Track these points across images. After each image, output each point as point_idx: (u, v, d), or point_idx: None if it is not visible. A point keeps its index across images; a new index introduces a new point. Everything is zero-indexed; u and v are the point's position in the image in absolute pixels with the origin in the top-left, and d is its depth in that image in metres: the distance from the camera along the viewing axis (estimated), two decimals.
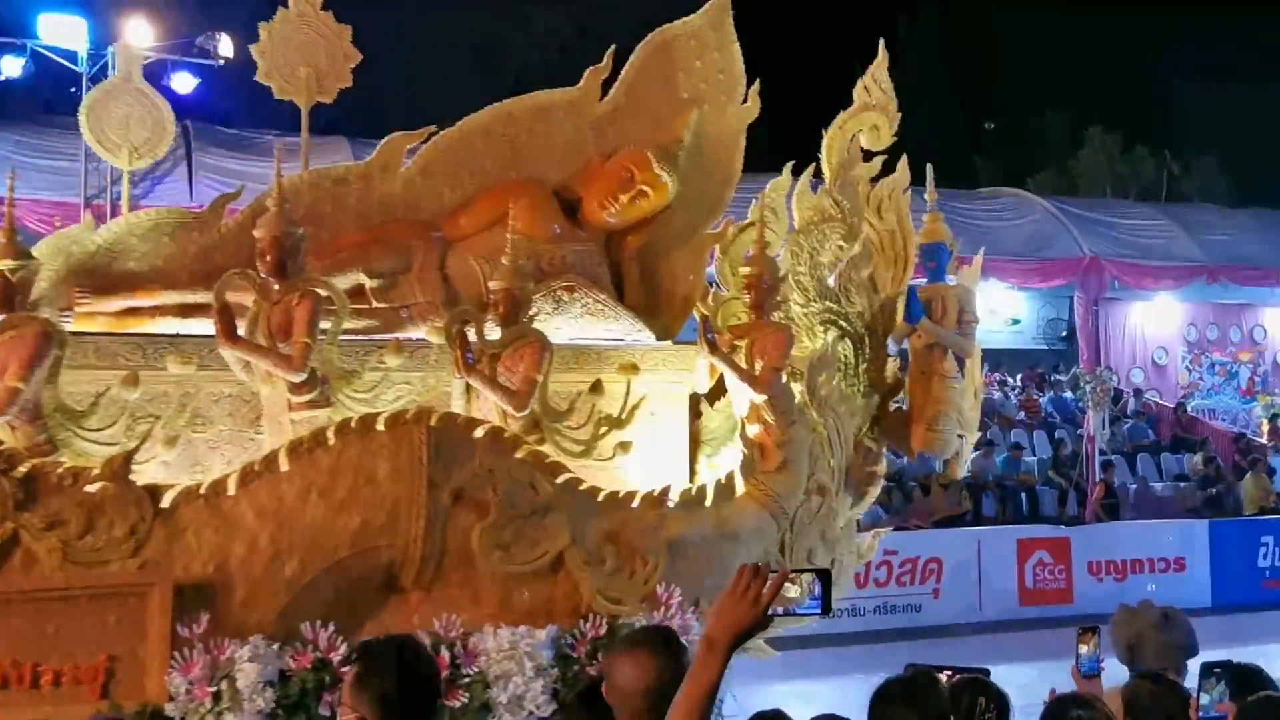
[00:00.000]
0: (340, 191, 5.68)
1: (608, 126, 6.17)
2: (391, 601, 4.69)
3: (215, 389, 5.04)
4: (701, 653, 2.27)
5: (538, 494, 4.80)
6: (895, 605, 11.80)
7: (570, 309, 5.73)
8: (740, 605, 2.26)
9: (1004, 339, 20.92)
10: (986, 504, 14.49)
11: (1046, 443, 16.79)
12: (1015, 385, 19.39)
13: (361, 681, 2.80)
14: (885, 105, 6.36)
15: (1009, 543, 12.66)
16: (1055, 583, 12.63)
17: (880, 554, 11.71)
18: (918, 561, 12.03)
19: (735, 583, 2.28)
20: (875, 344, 6.02)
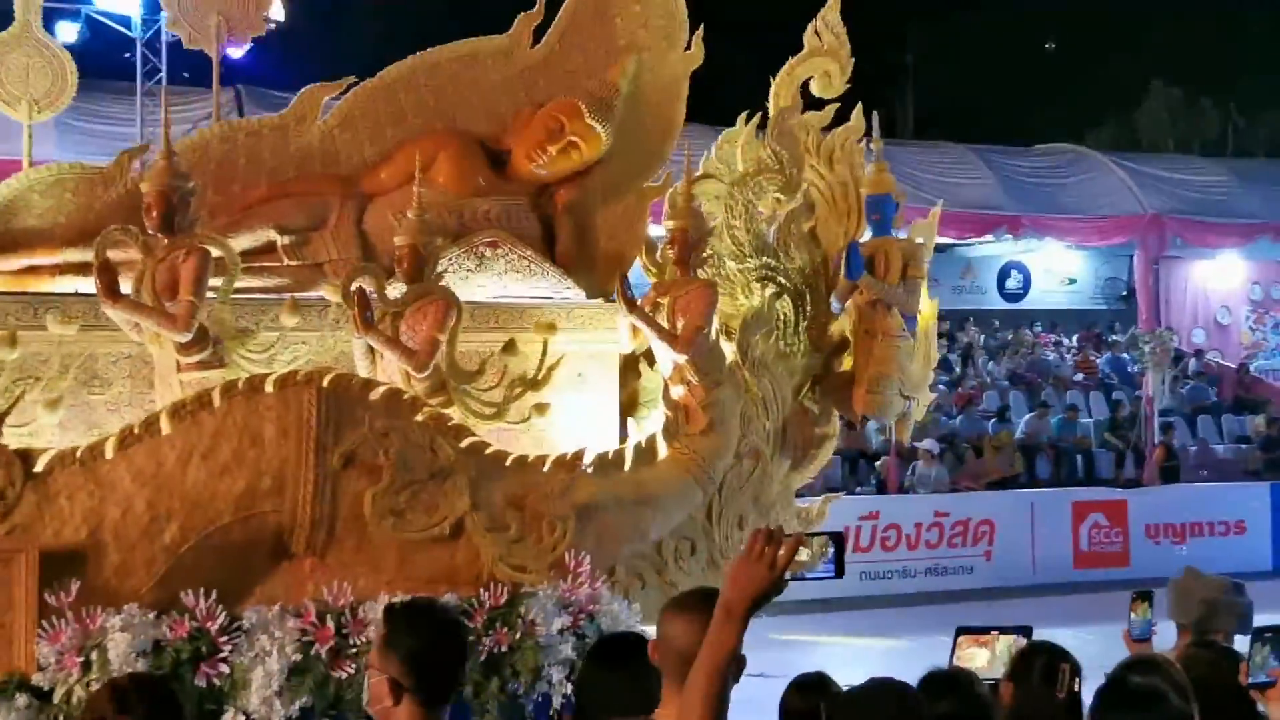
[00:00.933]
0: (254, 144, 5.47)
1: (539, 75, 5.91)
2: (283, 568, 4.52)
3: (113, 350, 4.88)
4: (719, 618, 2.25)
5: (437, 458, 4.60)
6: (946, 567, 11.74)
7: (493, 265, 5.51)
8: (756, 569, 2.24)
9: (1060, 299, 20.66)
10: (1040, 466, 14.37)
11: (1103, 404, 16.49)
12: (1071, 346, 19.06)
13: (390, 642, 2.70)
14: (836, 51, 6.05)
15: (1063, 505, 12.49)
16: (1111, 546, 12.50)
17: (931, 516, 11.85)
18: (969, 524, 11.95)
19: (750, 547, 2.27)
20: (817, 301, 5.75)
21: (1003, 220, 16.56)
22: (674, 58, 6.07)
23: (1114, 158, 18.59)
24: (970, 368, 17.72)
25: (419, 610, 2.86)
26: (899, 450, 12.99)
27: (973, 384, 16.62)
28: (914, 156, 17.54)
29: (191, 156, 5.40)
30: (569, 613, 4.57)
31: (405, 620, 2.77)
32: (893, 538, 11.83)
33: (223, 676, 4.15)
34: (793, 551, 2.24)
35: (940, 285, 20.39)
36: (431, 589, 4.59)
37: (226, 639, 4.18)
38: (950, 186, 16.67)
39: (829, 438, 6.00)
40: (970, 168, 17.20)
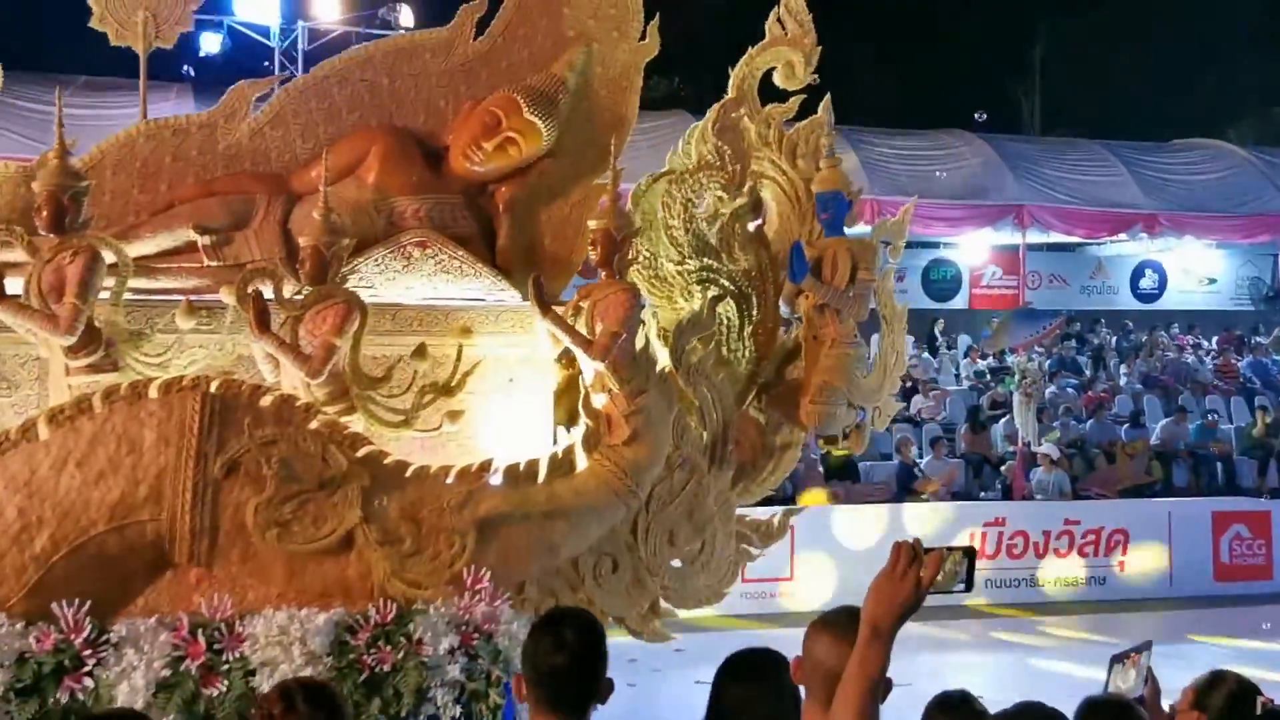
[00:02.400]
0: (181, 142, 5.38)
1: (481, 69, 5.71)
2: (167, 579, 4.37)
3: (20, 351, 4.81)
4: (866, 638, 2.26)
5: (328, 467, 4.41)
6: (1077, 577, 11.35)
7: (422, 266, 5.32)
8: (901, 586, 2.25)
9: (1198, 299, 19.99)
10: (1178, 474, 13.83)
11: (1245, 410, 15.79)
12: (1211, 349, 18.34)
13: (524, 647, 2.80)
14: (800, 39, 5.72)
15: (1203, 515, 11.92)
16: (1254, 558, 11.86)
17: (1060, 523, 11.35)
18: (1102, 532, 11.49)
19: (892, 564, 2.27)
20: (765, 305, 5.43)
21: (1138, 218, 16.00)
22: (626, 49, 5.82)
23: (1256, 153, 17.74)
24: (1101, 370, 17.15)
25: (551, 618, 2.89)
26: (1024, 457, 12.56)
27: (1103, 387, 16.06)
28: (1043, 153, 16.97)
29: (118, 155, 5.35)
30: (461, 632, 4.35)
31: (538, 625, 2.86)
32: (1020, 545, 11.39)
33: (87, 691, 4.02)
34: (937, 567, 2.24)
35: (1069, 286, 19.99)
36: (324, 602, 4.42)
37: (92, 652, 4.05)
38: (1082, 184, 16.22)
39: (789, 446, 5.67)
40: (1103, 164, 16.67)
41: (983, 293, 19.82)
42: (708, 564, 5.22)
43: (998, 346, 15.91)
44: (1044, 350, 16.24)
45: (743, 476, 5.60)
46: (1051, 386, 15.28)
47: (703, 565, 5.19)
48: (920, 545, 2.27)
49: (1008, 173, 16.03)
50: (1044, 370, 15.22)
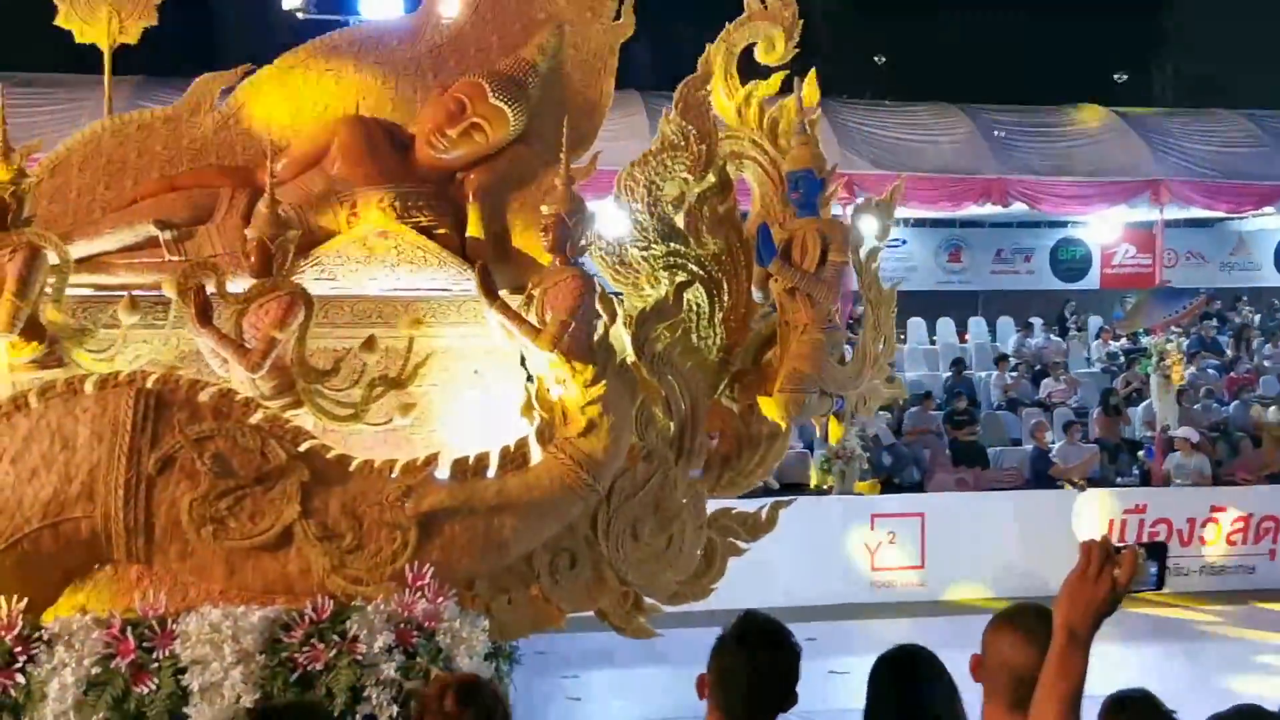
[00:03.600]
0: (145, 137, 5.36)
1: (449, 54, 5.60)
2: (108, 576, 4.35)
3: None
4: (1063, 643, 2.19)
5: (267, 461, 4.34)
6: (1225, 566, 10.96)
7: (384, 257, 5.21)
8: (1096, 588, 2.19)
9: None
10: None
11: None
12: None
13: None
14: (779, 13, 5.48)
15: None
16: None
17: (1206, 510, 10.93)
18: (1250, 520, 11.05)
19: (1084, 564, 2.21)
20: (737, 290, 5.21)
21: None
22: (599, 29, 5.65)
23: None
24: (1244, 351, 16.49)
25: (746, 628, 2.88)
26: (1161, 442, 12.10)
27: (1247, 369, 15.43)
28: (1181, 126, 16.24)
29: (84, 152, 5.36)
30: (398, 629, 4.23)
31: (733, 634, 2.85)
32: (1162, 533, 10.96)
33: (18, 688, 4.01)
34: (1132, 566, 2.17)
35: (1208, 263, 19.26)
36: (266, 599, 4.36)
37: (23, 649, 4.03)
38: (1224, 156, 15.54)
39: (774, 436, 5.43)
40: (1246, 135, 15.95)
41: (1114, 272, 19.21)
42: (676, 559, 5.02)
43: (1133, 328, 15.37)
44: (1182, 330, 15.49)
45: (726, 467, 5.40)
46: (1191, 368, 14.64)
47: (670, 560, 4.99)
48: (1111, 544, 2.20)
49: (1143, 146, 15.36)
50: (1183, 351, 14.55)
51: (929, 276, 18.88)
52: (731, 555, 5.57)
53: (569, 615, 4.86)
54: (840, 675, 2.65)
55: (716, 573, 5.50)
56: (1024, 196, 14.90)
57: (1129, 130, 15.64)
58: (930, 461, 12.13)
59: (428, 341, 5.14)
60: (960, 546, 10.48)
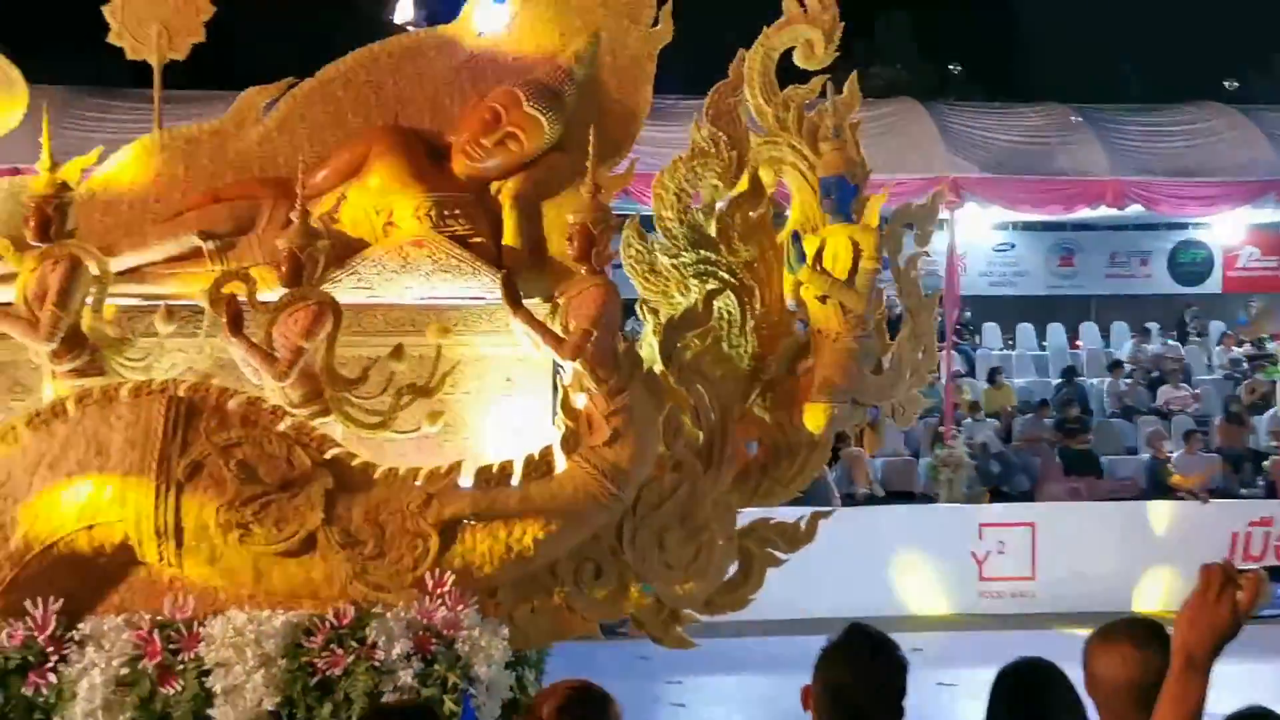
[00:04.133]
0: (193, 151, 5.48)
1: (487, 65, 5.62)
2: (142, 578, 4.47)
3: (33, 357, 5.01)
4: (1181, 668, 2.13)
5: (292, 468, 4.41)
6: None
7: (420, 266, 5.27)
8: (1217, 611, 2.12)
9: None
10: None
11: None
12: None
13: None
14: (818, 16, 5.40)
15: None
16: None
17: None
18: None
19: (1204, 587, 2.14)
20: (769, 298, 5.14)
21: None
22: (637, 36, 5.63)
23: None
24: None
25: (852, 639, 2.86)
26: None
27: None
28: None
29: (130, 166, 5.52)
30: (417, 636, 4.27)
31: (840, 645, 2.83)
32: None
33: (50, 686, 4.14)
34: (1255, 590, 2.11)
35: None
36: (293, 604, 4.44)
37: (55, 649, 4.16)
38: None
39: (813, 445, 5.34)
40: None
41: (1238, 275, 18.31)
42: (704, 570, 4.97)
43: (1258, 333, 14.80)
44: None
45: (764, 476, 5.34)
46: None
47: (698, 571, 4.95)
48: (1233, 567, 2.13)
49: (1268, 145, 14.77)
50: None
51: (1039, 281, 18.37)
52: (770, 566, 5.52)
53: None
54: (948, 688, 2.58)
55: (755, 583, 5.44)
56: (1141, 198, 14.32)
57: (1253, 128, 14.96)
58: (1041, 470, 11.88)
59: (460, 350, 5.19)
60: (1072, 558, 10.18)
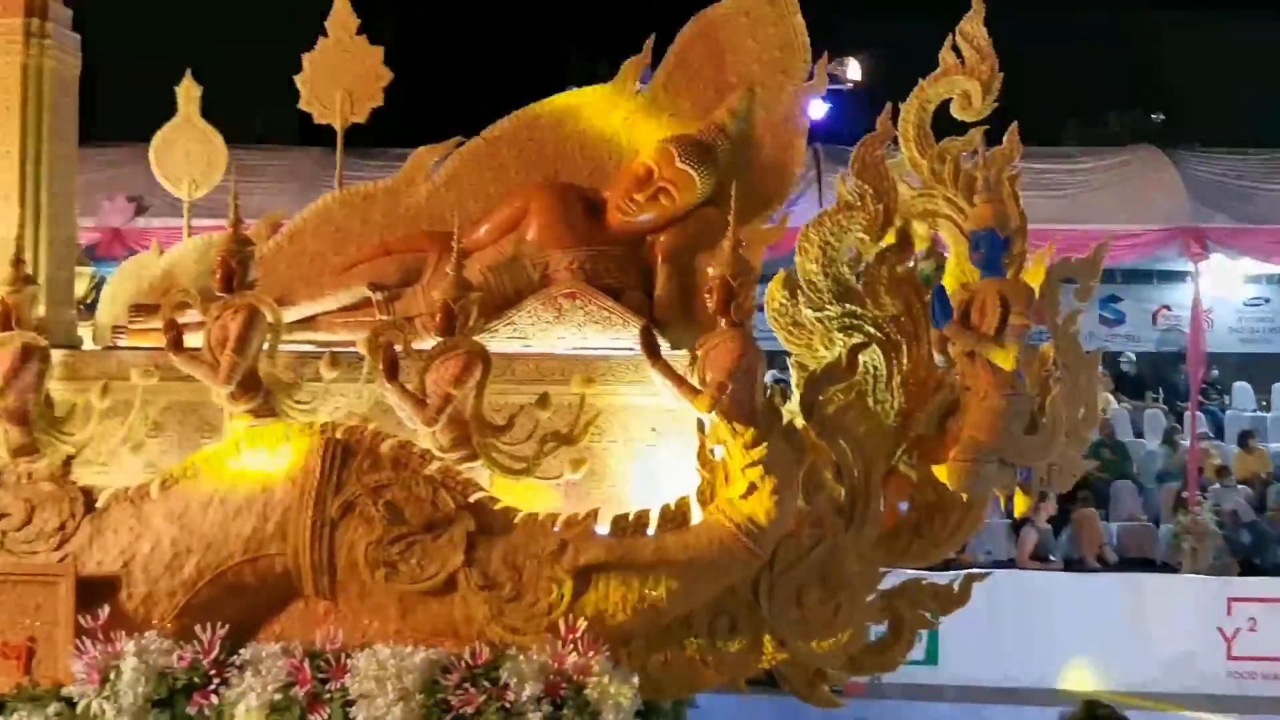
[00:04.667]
0: (368, 207, 5.86)
1: (642, 121, 5.79)
2: (300, 609, 4.74)
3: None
4: None
5: (437, 510, 4.61)
6: None
7: (572, 317, 5.45)
8: None
9: None
10: None
11: None
12: None
13: None
14: (977, 66, 5.32)
15: None
16: None
17: None
18: None
19: None
20: (916, 353, 5.04)
21: None
22: (791, 90, 5.68)
23: None
24: None
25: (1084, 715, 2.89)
26: None
27: None
28: None
29: (316, 221, 5.92)
30: (548, 680, 4.36)
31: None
32: None
33: (212, 708, 4.44)
34: None
35: None
36: (435, 642, 4.61)
37: (218, 672, 4.46)
38: None
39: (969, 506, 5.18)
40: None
41: None
42: (844, 629, 4.87)
43: None
44: None
45: (916, 536, 5.22)
46: None
47: (838, 630, 4.86)
48: None
49: None
50: None
51: None
52: (921, 628, 5.38)
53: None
54: None
55: (905, 645, 5.32)
56: None
57: None
58: None
59: (608, 399, 5.30)
60: None
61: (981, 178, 5.19)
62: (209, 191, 6.35)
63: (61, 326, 5.82)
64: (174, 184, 6.23)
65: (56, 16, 5.87)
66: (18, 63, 5.72)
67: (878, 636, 5.45)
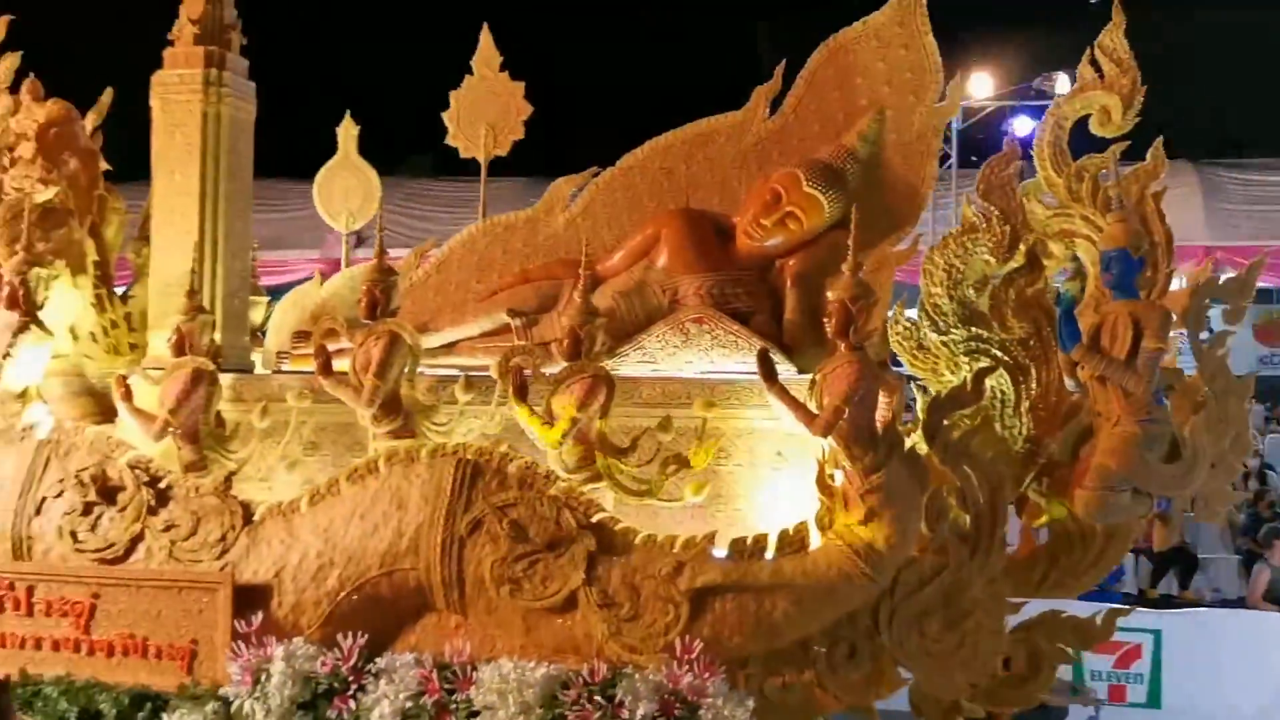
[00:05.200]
0: (509, 237, 6.13)
1: (773, 147, 5.87)
2: (433, 621, 4.96)
3: None
4: None
5: (560, 530, 4.76)
6: None
7: (699, 341, 5.56)
8: None
9: None
10: None
11: None
12: None
13: None
14: (1116, 81, 5.17)
15: None
16: None
17: None
18: None
19: None
20: (1046, 377, 4.90)
21: None
22: (922, 113, 5.63)
23: None
24: None
25: None
26: None
27: None
28: None
29: (462, 251, 6.22)
30: (663, 699, 4.44)
31: None
32: None
33: (350, 712, 4.71)
34: None
35: None
36: (559, 658, 4.75)
37: (355, 679, 4.73)
38: None
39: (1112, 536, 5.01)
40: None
41: None
42: (969, 660, 4.77)
43: None
44: None
45: (1053, 566, 5.07)
46: None
47: (962, 661, 4.76)
48: None
49: None
50: None
51: None
52: (1060, 662, 5.22)
53: None
54: None
55: (1044, 680, 5.19)
56: None
57: None
58: None
59: (733, 423, 5.37)
60: None
61: (1116, 196, 5.03)
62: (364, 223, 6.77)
63: (235, 352, 6.31)
64: (334, 218, 6.67)
65: (234, 66, 6.38)
66: (198, 110, 6.24)
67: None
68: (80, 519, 5.19)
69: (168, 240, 6.23)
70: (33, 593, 5.17)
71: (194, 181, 6.21)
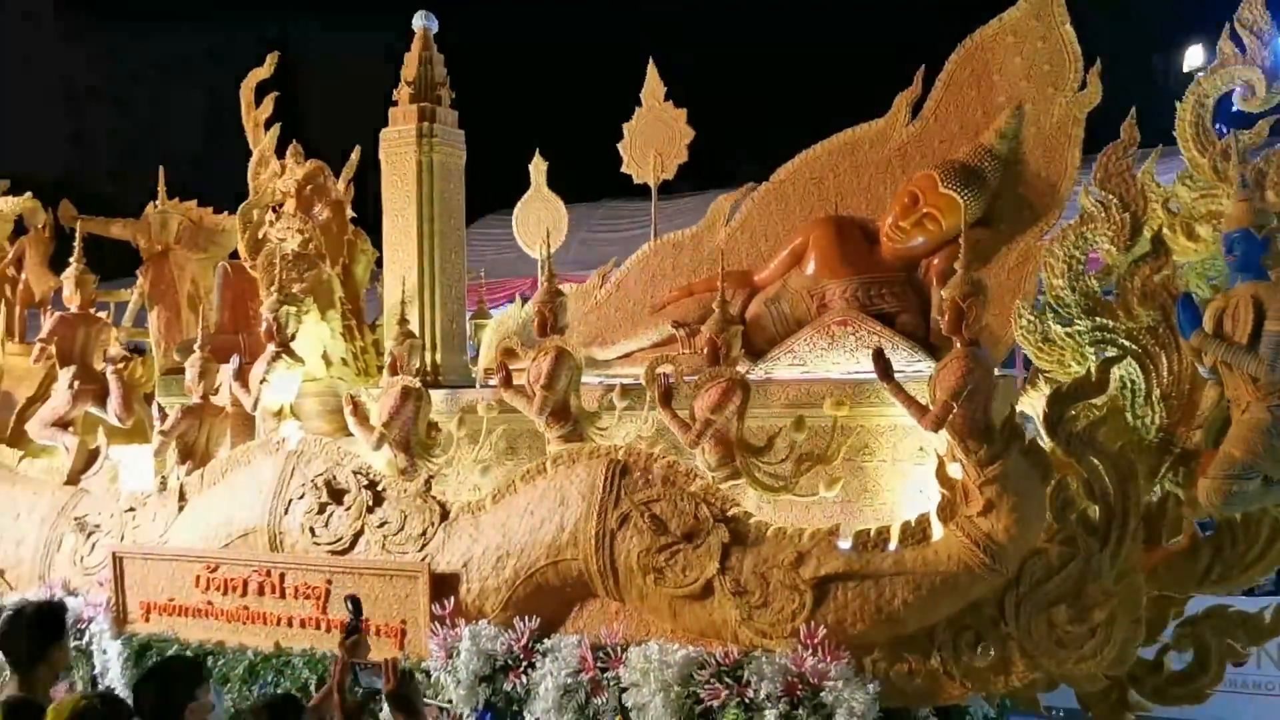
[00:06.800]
0: (676, 253, 6.61)
1: (915, 150, 6.02)
2: (597, 606, 5.50)
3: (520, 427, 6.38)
4: None
5: (698, 523, 5.17)
6: None
7: (844, 343, 5.80)
8: None
9: None
10: None
11: None
12: None
13: None
14: (1258, 54, 5.00)
15: None
16: None
17: None
18: None
19: None
20: (1177, 365, 4.79)
21: None
22: (1062, 103, 5.62)
23: None
24: None
25: None
26: None
27: None
28: None
29: (638, 269, 6.76)
30: (787, 681, 4.76)
31: None
32: None
33: (522, 685, 5.34)
34: None
35: None
36: (702, 642, 5.19)
37: (526, 657, 5.36)
38: None
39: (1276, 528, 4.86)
40: None
41: None
42: (1102, 651, 4.75)
43: None
44: None
45: (1216, 559, 4.97)
46: None
47: (1094, 652, 4.75)
48: None
49: None
50: None
51: None
52: (1231, 659, 5.09)
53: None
54: None
55: (1214, 676, 5.09)
56: None
57: None
58: None
59: (876, 420, 5.58)
60: None
61: (1273, 172, 4.86)
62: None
63: (455, 369, 7.16)
64: (530, 245, 7.39)
65: (444, 118, 7.24)
66: (414, 160, 7.14)
67: (1185, 664, 5.24)
68: (316, 516, 6.14)
69: (395, 276, 7.17)
70: (284, 579, 6.17)
71: (412, 222, 7.11)
